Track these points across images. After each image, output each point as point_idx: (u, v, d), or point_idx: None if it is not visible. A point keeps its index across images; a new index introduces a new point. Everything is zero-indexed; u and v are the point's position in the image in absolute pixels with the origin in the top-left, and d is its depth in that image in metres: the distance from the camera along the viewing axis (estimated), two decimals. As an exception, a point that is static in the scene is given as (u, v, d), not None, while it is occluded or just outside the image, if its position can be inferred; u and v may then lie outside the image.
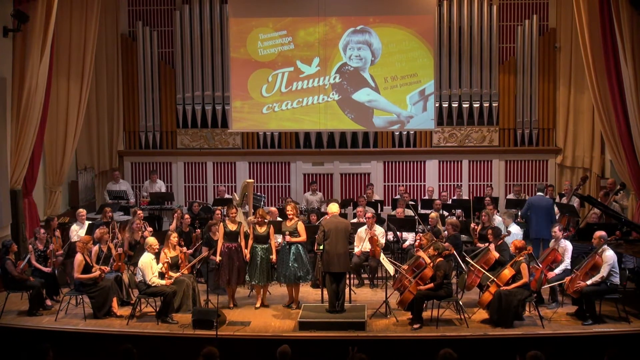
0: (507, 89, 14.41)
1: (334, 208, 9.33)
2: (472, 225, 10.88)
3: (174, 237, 9.49)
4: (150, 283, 8.93)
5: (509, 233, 10.17)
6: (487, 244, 9.65)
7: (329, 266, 8.96)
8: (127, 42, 14.65)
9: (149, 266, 8.96)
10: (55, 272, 9.87)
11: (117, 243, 9.95)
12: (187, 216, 11.21)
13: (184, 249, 9.80)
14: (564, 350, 8.17)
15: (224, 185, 14.14)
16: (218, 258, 9.40)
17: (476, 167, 14.61)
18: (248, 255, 9.36)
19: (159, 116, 14.77)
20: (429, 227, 10.90)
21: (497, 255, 9.16)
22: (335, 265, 8.92)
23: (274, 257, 9.39)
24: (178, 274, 9.27)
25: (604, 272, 8.59)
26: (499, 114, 14.44)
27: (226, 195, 13.16)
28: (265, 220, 9.53)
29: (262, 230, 9.43)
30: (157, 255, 9.20)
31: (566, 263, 9.26)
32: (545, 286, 9.22)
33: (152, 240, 9.22)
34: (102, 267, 9.22)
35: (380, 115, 14.26)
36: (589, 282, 8.64)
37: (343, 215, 10.55)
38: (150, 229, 10.93)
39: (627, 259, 9.49)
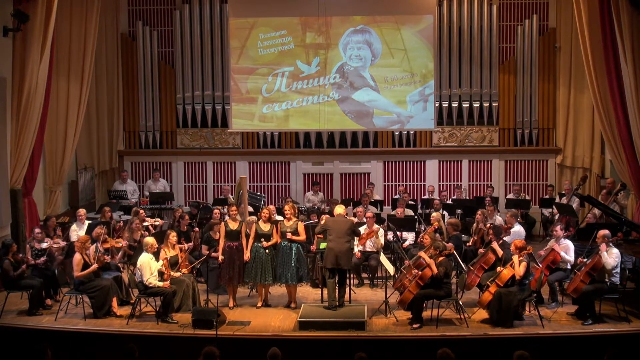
0: (507, 89, 14.41)
1: (339, 210, 9.37)
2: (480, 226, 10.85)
3: (172, 237, 9.50)
4: (147, 284, 8.92)
5: (509, 232, 10.17)
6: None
7: (330, 262, 8.99)
8: (127, 42, 14.65)
9: (147, 266, 8.96)
10: (55, 272, 9.86)
11: (114, 248, 9.93)
12: (186, 217, 11.21)
13: (185, 246, 9.81)
14: (564, 350, 8.17)
15: (228, 185, 14.14)
16: (220, 257, 9.40)
17: (476, 167, 14.61)
18: (248, 255, 9.36)
19: (159, 116, 14.78)
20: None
21: (495, 255, 9.16)
22: (338, 261, 8.95)
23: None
24: (178, 273, 9.28)
25: (611, 261, 8.59)
26: (499, 114, 14.44)
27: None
28: (272, 218, 9.58)
29: (266, 228, 9.44)
30: (156, 255, 9.21)
31: (571, 260, 9.26)
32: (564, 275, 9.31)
33: (150, 240, 9.21)
34: (101, 256, 9.24)
35: (380, 115, 14.26)
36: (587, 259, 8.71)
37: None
38: (152, 229, 10.95)
39: (627, 259, 9.49)
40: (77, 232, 10.76)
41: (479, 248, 10.14)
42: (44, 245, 9.80)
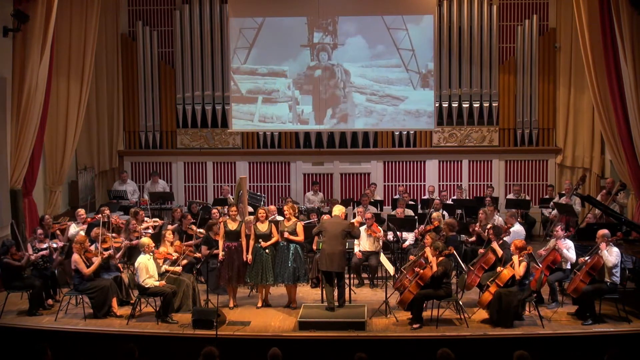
0: (507, 89, 14.41)
1: (337, 210, 9.35)
2: (473, 226, 10.87)
3: (169, 235, 9.55)
4: (143, 285, 8.91)
5: (508, 232, 10.17)
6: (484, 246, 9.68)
7: (323, 264, 9.02)
8: (127, 42, 14.65)
9: (144, 268, 8.94)
10: (55, 272, 9.86)
11: (113, 247, 9.94)
12: (188, 216, 11.20)
13: (192, 242, 9.82)
14: (564, 350, 8.17)
15: (228, 185, 14.13)
16: (221, 254, 9.39)
17: (476, 167, 14.61)
18: (250, 257, 9.35)
19: (159, 116, 14.78)
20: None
21: (495, 255, 9.16)
22: (330, 264, 8.95)
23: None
24: (179, 267, 9.29)
25: (612, 259, 8.59)
26: (499, 114, 14.44)
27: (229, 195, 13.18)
28: (270, 219, 9.59)
29: (264, 228, 9.44)
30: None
31: (572, 258, 9.25)
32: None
33: (146, 241, 9.20)
34: (103, 253, 9.30)
35: (380, 115, 14.24)
36: (587, 257, 8.70)
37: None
38: (152, 229, 10.95)
39: (627, 259, 9.49)
40: (76, 231, 10.75)
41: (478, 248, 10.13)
42: (44, 245, 9.79)
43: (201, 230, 10.53)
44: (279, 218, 10.38)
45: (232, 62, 14.34)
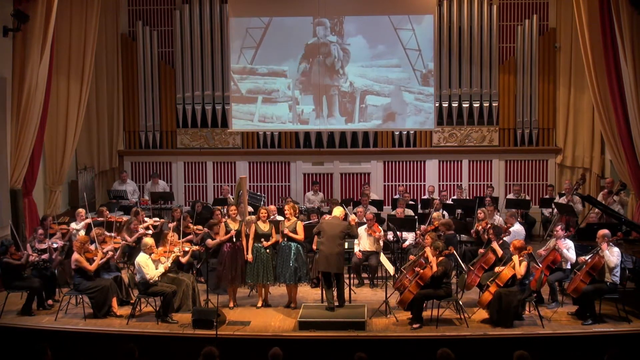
0: (507, 89, 14.41)
1: (337, 212, 9.34)
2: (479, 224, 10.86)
3: (170, 236, 9.55)
4: (150, 280, 8.88)
5: (509, 232, 10.17)
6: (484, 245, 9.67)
7: (321, 265, 9.03)
8: (127, 42, 14.66)
9: (145, 265, 8.94)
10: (55, 273, 9.86)
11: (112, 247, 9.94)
12: (188, 217, 11.20)
13: (190, 237, 9.85)
14: (564, 350, 8.17)
15: (228, 185, 14.13)
16: (232, 233, 9.36)
17: (476, 167, 14.61)
18: (250, 256, 9.34)
19: (159, 116, 14.78)
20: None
21: (495, 255, 9.16)
22: (327, 265, 8.96)
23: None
24: (178, 254, 9.35)
25: (614, 259, 8.59)
26: (499, 114, 14.44)
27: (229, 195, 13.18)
28: (270, 218, 9.58)
29: (265, 228, 9.44)
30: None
31: (572, 258, 9.24)
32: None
33: (149, 241, 9.19)
34: (105, 254, 9.33)
35: (380, 114, 14.25)
36: (587, 257, 8.69)
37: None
38: (152, 228, 10.95)
39: (627, 259, 9.49)
40: (77, 231, 10.75)
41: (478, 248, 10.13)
42: (44, 246, 9.80)
43: (199, 227, 10.52)
44: (279, 218, 10.38)
45: (238, 62, 14.32)
